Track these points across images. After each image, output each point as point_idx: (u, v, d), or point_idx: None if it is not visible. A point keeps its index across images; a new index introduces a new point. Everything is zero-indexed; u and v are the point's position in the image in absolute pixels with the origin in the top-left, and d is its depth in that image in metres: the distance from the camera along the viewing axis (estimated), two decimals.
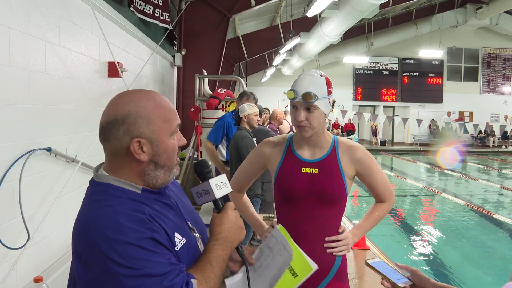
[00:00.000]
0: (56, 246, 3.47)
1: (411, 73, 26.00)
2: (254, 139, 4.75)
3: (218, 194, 1.42)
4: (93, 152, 4.03)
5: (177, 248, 1.29)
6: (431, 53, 22.08)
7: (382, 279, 1.45)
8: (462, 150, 14.44)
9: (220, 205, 1.45)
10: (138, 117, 1.27)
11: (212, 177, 1.44)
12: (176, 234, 1.30)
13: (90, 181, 1.36)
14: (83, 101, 4.05)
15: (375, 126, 24.03)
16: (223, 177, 1.46)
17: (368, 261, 1.49)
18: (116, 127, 1.27)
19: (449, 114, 24.53)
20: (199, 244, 1.40)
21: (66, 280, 3.49)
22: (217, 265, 1.32)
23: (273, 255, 1.66)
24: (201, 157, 7.12)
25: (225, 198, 1.50)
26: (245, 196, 2.30)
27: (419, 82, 25.87)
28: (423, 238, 7.82)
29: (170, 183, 1.44)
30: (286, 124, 8.38)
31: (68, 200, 3.64)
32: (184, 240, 1.32)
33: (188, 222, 1.41)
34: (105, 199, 1.26)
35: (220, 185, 1.44)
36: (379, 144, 24.01)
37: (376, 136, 24.33)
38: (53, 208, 3.20)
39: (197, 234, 1.42)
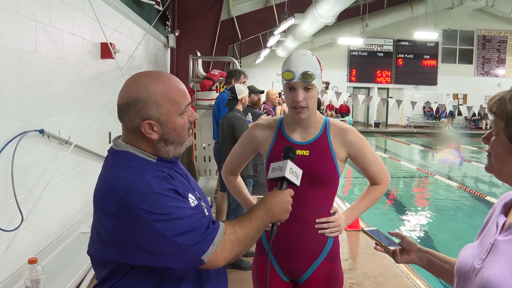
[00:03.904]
0: (51, 228, 3.47)
1: (406, 55, 25.95)
2: (250, 116, 4.77)
3: (288, 175, 1.60)
4: (87, 134, 4.01)
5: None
6: (426, 35, 21.98)
7: (375, 244, 1.62)
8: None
9: (283, 185, 1.61)
10: (147, 101, 1.39)
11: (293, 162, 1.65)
12: (190, 195, 1.45)
13: (109, 150, 1.48)
14: (75, 83, 4.01)
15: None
16: (300, 171, 1.68)
17: (364, 229, 1.66)
18: (128, 109, 1.40)
19: (454, 96, 24.49)
20: (205, 213, 1.50)
21: (61, 261, 3.48)
22: (255, 220, 1.46)
23: None
24: (195, 138, 7.09)
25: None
26: (239, 179, 2.33)
27: (414, 64, 25.85)
28: (415, 219, 7.91)
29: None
30: None
31: (62, 183, 3.63)
32: (196, 202, 1.46)
33: (196, 192, 1.54)
34: (126, 162, 1.40)
35: (293, 172, 1.64)
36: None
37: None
38: (46, 191, 3.19)
39: (204, 204, 1.54)
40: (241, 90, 4.66)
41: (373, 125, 24.87)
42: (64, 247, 3.51)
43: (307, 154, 2.01)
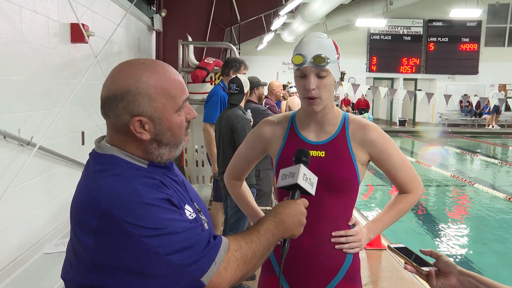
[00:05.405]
0: (6, 248, 3.42)
1: (439, 38, 25.78)
2: (249, 113, 4.73)
3: (301, 182, 1.63)
4: (54, 134, 3.97)
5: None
6: (466, 12, 20.91)
7: (405, 263, 1.60)
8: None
9: (295, 194, 1.65)
10: (138, 94, 1.37)
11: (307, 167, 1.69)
12: (187, 206, 1.45)
13: (91, 153, 1.47)
14: (40, 71, 3.98)
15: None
16: (315, 178, 1.72)
17: (390, 245, 1.65)
18: (115, 103, 1.38)
19: (500, 88, 24.39)
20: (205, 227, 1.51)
21: None
22: (264, 234, 1.48)
23: None
24: None
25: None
26: (245, 185, 2.39)
27: (449, 49, 25.68)
28: (451, 238, 7.83)
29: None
30: (298, 101, 8.31)
31: (23, 192, 3.59)
32: (194, 214, 1.46)
33: (195, 203, 1.54)
34: (111, 168, 1.39)
35: (307, 178, 1.67)
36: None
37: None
38: (2, 202, 3.14)
39: (203, 217, 1.54)
40: (247, 82, 4.65)
41: (398, 123, 24.82)
42: (22, 271, 3.45)
43: (323, 155, 2.03)
